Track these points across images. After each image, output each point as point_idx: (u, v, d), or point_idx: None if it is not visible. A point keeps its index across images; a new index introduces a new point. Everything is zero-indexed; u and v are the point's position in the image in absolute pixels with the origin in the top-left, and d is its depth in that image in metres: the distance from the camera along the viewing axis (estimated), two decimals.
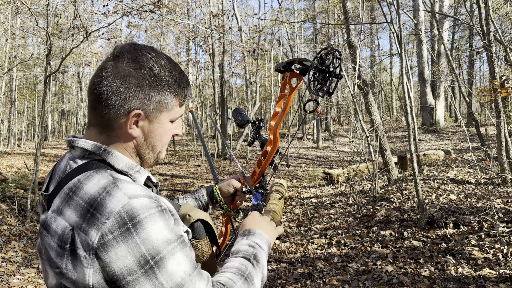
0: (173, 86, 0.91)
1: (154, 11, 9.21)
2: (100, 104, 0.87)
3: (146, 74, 0.88)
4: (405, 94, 5.93)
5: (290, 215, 6.54)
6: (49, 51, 6.43)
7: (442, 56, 17.32)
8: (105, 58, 0.91)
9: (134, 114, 0.87)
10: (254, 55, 16.94)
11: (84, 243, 0.75)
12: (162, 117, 0.92)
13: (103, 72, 0.87)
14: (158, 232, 0.78)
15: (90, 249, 0.75)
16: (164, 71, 0.89)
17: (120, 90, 0.86)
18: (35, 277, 4.01)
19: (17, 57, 17.05)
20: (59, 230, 0.79)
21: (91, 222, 0.76)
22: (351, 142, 17.79)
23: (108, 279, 0.76)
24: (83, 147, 0.88)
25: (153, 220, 0.78)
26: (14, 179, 7.49)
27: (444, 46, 10.35)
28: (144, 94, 0.88)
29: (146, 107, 0.89)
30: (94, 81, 0.88)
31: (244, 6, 40.54)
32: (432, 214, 4.76)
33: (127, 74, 0.87)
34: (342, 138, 19.84)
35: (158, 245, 0.77)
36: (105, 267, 0.75)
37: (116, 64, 0.87)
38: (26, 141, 24.53)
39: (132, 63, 0.87)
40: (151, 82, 0.88)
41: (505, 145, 5.57)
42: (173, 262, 0.78)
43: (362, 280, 3.61)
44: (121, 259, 0.75)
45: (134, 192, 0.79)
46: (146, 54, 0.89)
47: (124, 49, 0.89)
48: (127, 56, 0.88)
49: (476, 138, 13.72)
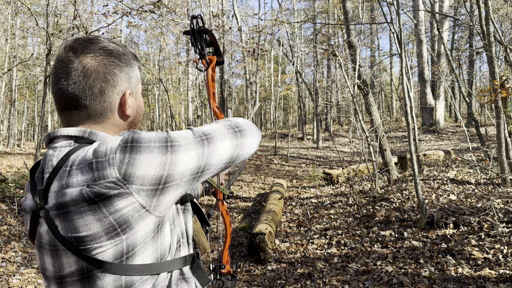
0: (135, 60, 0.97)
1: (154, 11, 9.21)
2: (93, 98, 0.88)
3: (117, 56, 0.92)
4: (405, 94, 5.93)
5: (290, 215, 6.54)
6: (49, 51, 6.43)
7: (442, 56, 17.32)
8: (63, 57, 0.88)
9: (128, 94, 0.92)
10: (254, 55, 16.94)
11: (109, 184, 0.76)
12: (139, 89, 0.99)
13: (77, 70, 0.87)
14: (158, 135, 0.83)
15: (119, 183, 0.76)
16: (123, 49, 0.95)
17: (107, 78, 0.89)
18: (35, 277, 4.01)
19: (17, 57, 17.04)
20: (75, 196, 0.77)
21: (101, 167, 0.77)
22: (351, 142, 17.78)
23: (152, 191, 0.78)
24: (67, 134, 0.87)
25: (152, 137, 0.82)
26: (14, 179, 7.48)
27: (444, 46, 10.34)
28: (125, 73, 0.93)
29: (131, 85, 0.94)
30: (71, 81, 0.87)
31: (244, 6, 40.57)
32: (432, 214, 4.76)
33: (105, 63, 0.89)
34: (342, 138, 19.84)
35: (172, 135, 0.83)
36: (142, 184, 0.77)
37: (85, 59, 0.87)
38: (26, 141, 24.53)
39: (100, 52, 0.89)
40: (124, 61, 0.93)
41: (505, 145, 5.56)
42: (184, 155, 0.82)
43: (362, 280, 3.61)
44: (146, 166, 0.77)
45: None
46: (102, 41, 0.92)
47: (81, 44, 0.89)
48: (91, 49, 0.89)
49: (476, 138, 13.72)
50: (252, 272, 4.33)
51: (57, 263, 0.83)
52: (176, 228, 0.93)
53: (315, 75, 19.46)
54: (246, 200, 8.11)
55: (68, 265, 0.81)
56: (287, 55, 22.25)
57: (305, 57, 24.65)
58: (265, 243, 4.51)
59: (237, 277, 1.54)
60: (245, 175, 11.34)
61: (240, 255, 4.91)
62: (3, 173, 7.65)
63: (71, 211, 0.78)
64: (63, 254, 0.81)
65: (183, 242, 0.95)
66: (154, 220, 0.81)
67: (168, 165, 0.79)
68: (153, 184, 0.78)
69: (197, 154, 0.83)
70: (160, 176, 0.78)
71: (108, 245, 0.78)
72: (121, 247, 0.79)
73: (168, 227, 0.88)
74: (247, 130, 0.95)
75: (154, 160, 0.78)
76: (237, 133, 0.92)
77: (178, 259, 0.91)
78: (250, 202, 7.89)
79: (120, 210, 0.77)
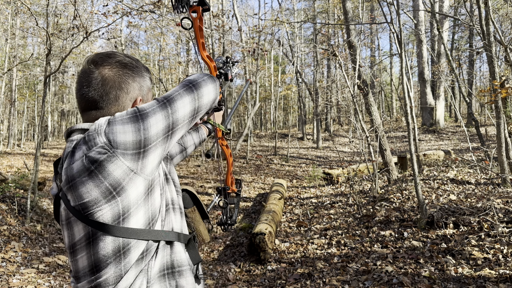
0: (146, 72, 1.17)
1: (154, 11, 9.20)
2: (109, 102, 1.06)
3: (130, 68, 1.11)
4: (405, 94, 5.93)
5: (290, 215, 6.54)
6: (49, 51, 6.42)
7: (442, 56, 17.32)
8: (86, 69, 1.08)
9: (139, 100, 1.12)
10: (254, 55, 16.93)
11: (100, 149, 0.92)
12: (149, 97, 1.18)
13: (96, 79, 1.06)
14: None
15: (106, 147, 0.92)
16: (136, 63, 1.14)
17: (121, 86, 1.08)
18: (35, 277, 4.01)
19: (17, 57, 17.03)
20: (79, 167, 0.93)
21: (92, 137, 0.94)
22: (351, 142, 17.77)
23: (135, 155, 0.94)
24: (81, 127, 1.03)
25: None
26: (14, 179, 7.47)
27: (444, 46, 10.34)
28: (137, 83, 1.12)
29: (142, 93, 1.14)
30: (91, 88, 1.06)
31: (244, 6, 40.55)
32: (432, 214, 4.76)
33: (120, 74, 1.09)
34: (342, 138, 19.83)
35: (143, 106, 1.00)
36: (125, 148, 0.93)
37: (103, 70, 1.07)
38: (26, 141, 24.52)
39: (116, 64, 1.09)
40: (136, 73, 1.12)
41: (505, 145, 5.56)
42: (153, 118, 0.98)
43: (362, 280, 3.61)
44: (123, 133, 0.93)
45: None
46: (119, 55, 1.11)
47: (101, 58, 1.09)
48: (109, 62, 1.08)
49: (476, 138, 13.72)
50: (252, 272, 4.33)
51: (70, 233, 0.99)
52: (166, 193, 1.09)
53: (315, 75, 19.45)
54: (246, 200, 8.11)
55: (78, 232, 0.97)
56: (287, 55, 22.23)
57: (305, 57, 24.64)
58: (265, 243, 4.51)
59: (240, 194, 1.82)
60: (245, 175, 11.33)
61: (240, 255, 4.91)
62: (3, 173, 7.64)
63: (76, 182, 0.93)
64: (74, 224, 0.97)
65: (172, 207, 1.11)
66: (144, 182, 0.97)
67: (142, 130, 0.94)
68: (135, 148, 0.94)
69: (163, 115, 0.98)
70: (139, 140, 0.94)
71: (107, 207, 0.94)
72: (117, 209, 0.94)
73: (158, 191, 1.03)
74: (200, 83, 1.11)
75: (128, 128, 0.94)
76: (192, 87, 1.08)
77: (171, 232, 1.07)
78: (250, 202, 7.89)
79: (111, 173, 0.92)
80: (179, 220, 1.13)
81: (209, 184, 9.96)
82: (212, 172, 11.82)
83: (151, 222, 1.00)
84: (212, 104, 1.16)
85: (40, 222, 5.83)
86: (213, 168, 12.31)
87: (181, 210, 1.16)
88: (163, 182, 1.08)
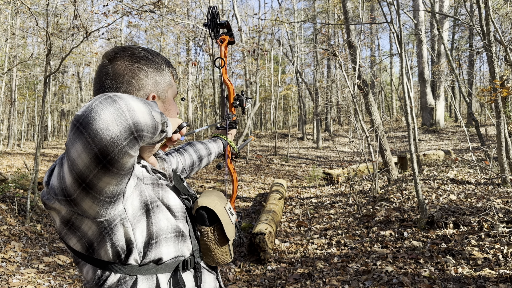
0: (165, 65, 1.08)
1: (154, 11, 9.20)
2: None
3: (143, 62, 1.03)
4: (405, 94, 5.93)
5: (290, 215, 6.53)
6: (49, 51, 6.42)
7: (442, 56, 17.32)
8: (101, 64, 1.03)
9: (151, 97, 1.03)
10: (254, 55, 16.94)
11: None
12: (168, 95, 1.09)
13: (107, 75, 1.00)
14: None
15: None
16: (152, 55, 1.05)
17: (132, 81, 1.01)
18: (34, 277, 4.01)
19: (17, 57, 17.02)
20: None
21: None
22: (351, 142, 17.78)
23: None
24: None
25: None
26: (14, 179, 7.48)
27: (444, 46, 10.34)
28: (151, 78, 1.04)
29: (157, 89, 1.05)
30: (102, 84, 1.00)
31: (244, 6, 40.53)
32: (432, 214, 4.76)
33: (131, 68, 1.01)
34: (342, 138, 19.83)
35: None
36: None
37: (115, 65, 1.01)
38: (26, 141, 24.51)
39: (129, 58, 1.02)
40: (151, 67, 1.04)
41: (505, 145, 5.56)
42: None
43: (362, 280, 3.61)
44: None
45: None
46: (134, 48, 1.04)
47: (114, 51, 1.03)
48: (121, 55, 1.02)
49: (476, 138, 13.72)
50: (252, 272, 4.33)
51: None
52: (151, 225, 0.96)
53: (315, 75, 19.45)
54: (246, 200, 8.10)
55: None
56: (287, 55, 22.24)
57: (305, 57, 24.63)
58: (265, 243, 4.51)
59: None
60: (245, 175, 11.33)
61: (240, 255, 4.91)
62: (3, 173, 7.64)
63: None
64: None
65: (165, 237, 1.03)
66: (94, 224, 0.89)
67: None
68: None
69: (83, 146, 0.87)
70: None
71: (74, 239, 0.94)
72: (82, 242, 0.93)
73: (121, 230, 0.90)
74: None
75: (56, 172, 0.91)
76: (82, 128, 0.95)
77: (148, 266, 0.97)
78: (250, 202, 7.89)
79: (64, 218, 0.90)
80: (176, 247, 1.01)
81: (209, 184, 9.96)
82: (212, 172, 11.83)
83: (121, 256, 0.92)
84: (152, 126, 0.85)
85: (40, 222, 5.83)
86: (213, 168, 12.31)
87: (182, 234, 1.03)
88: (136, 216, 0.93)
